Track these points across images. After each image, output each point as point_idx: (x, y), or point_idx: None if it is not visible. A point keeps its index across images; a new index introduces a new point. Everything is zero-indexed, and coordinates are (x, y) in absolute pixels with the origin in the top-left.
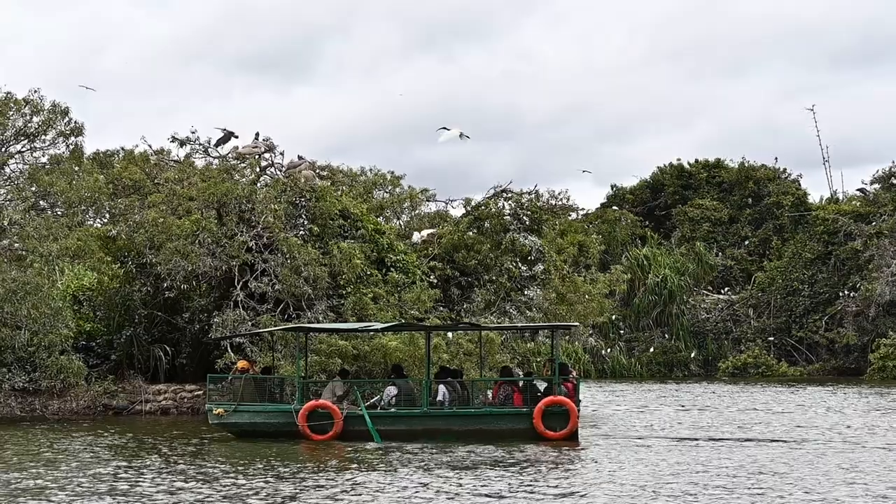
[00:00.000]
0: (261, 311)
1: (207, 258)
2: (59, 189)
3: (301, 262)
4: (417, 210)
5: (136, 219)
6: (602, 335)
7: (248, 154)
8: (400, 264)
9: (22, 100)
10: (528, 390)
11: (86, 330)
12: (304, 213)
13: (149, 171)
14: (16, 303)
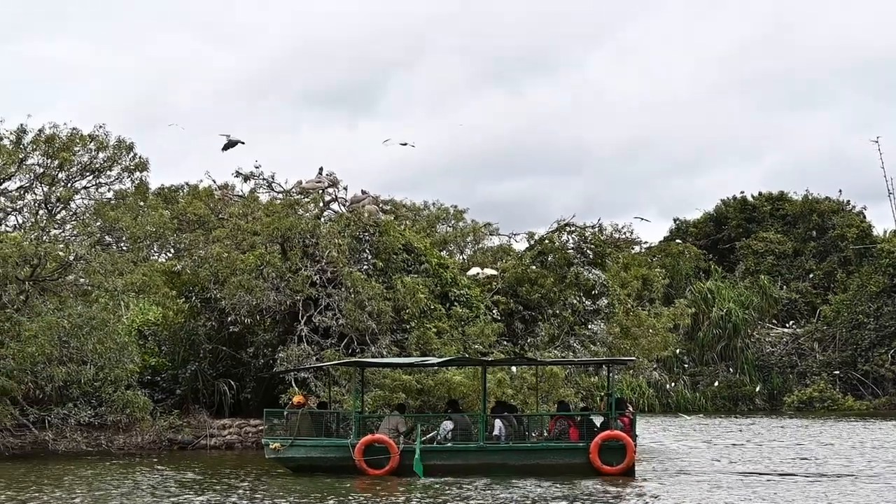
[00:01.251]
0: (325, 346)
1: (271, 293)
2: (124, 224)
3: (365, 296)
4: (480, 244)
5: (201, 254)
6: (666, 369)
7: (311, 189)
8: (463, 298)
9: (88, 136)
10: (584, 425)
11: (151, 364)
12: (368, 248)
13: (213, 206)
14: (82, 338)
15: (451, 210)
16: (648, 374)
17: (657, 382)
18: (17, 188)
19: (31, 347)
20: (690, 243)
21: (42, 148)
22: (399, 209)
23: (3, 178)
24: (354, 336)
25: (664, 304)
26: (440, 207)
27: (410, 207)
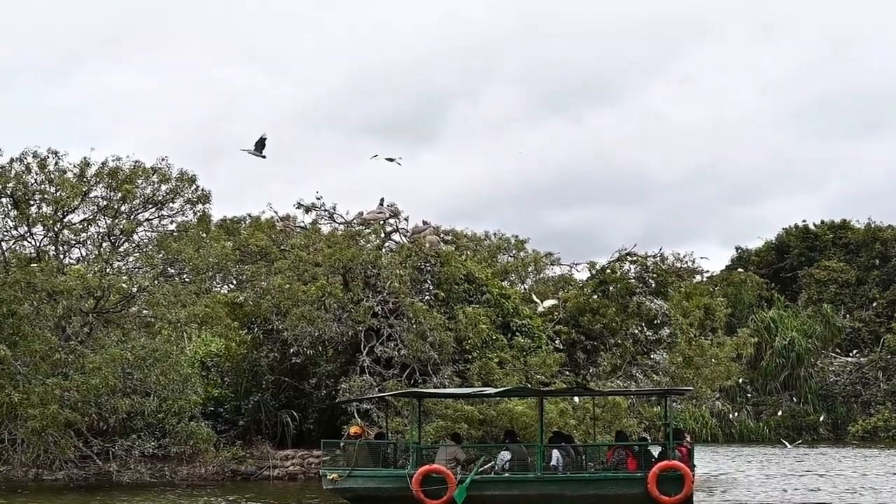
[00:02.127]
0: (387, 377)
1: (333, 324)
2: (186, 256)
3: (427, 327)
4: (542, 274)
5: (263, 285)
6: (729, 399)
7: (372, 220)
8: (525, 328)
9: (150, 168)
10: (642, 455)
11: (214, 396)
12: (430, 278)
13: (275, 238)
14: (145, 369)
15: (513, 240)
16: (711, 404)
17: (720, 412)
18: (81, 221)
19: (95, 379)
20: (752, 272)
21: (105, 181)
22: (460, 239)
23: (67, 211)
24: (416, 366)
25: (726, 333)
26: (501, 237)
27: (471, 237)
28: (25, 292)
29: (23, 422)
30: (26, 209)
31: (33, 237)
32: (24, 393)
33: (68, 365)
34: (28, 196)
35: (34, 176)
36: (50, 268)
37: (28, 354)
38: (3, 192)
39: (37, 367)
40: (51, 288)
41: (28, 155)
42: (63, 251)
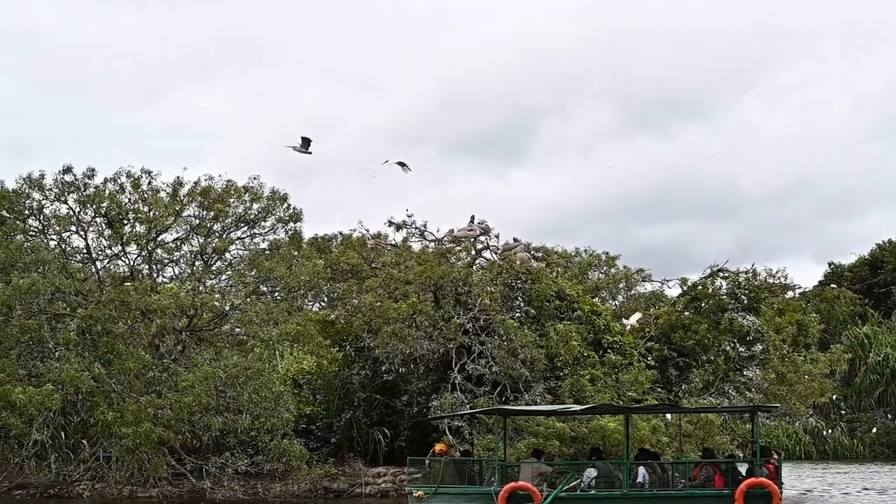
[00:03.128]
0: (478, 394)
1: (424, 341)
2: (278, 274)
3: (518, 344)
4: (633, 290)
5: (354, 303)
6: (823, 416)
7: (463, 237)
8: (617, 345)
9: (242, 187)
10: (729, 472)
11: (306, 413)
12: (520, 295)
13: (366, 256)
14: (238, 387)
15: (603, 256)
16: (805, 421)
17: (814, 429)
18: (174, 239)
19: (188, 397)
20: (845, 288)
21: (198, 200)
22: (551, 256)
23: (160, 230)
24: (508, 384)
25: (820, 349)
26: (592, 254)
27: (562, 254)
28: (120, 311)
29: (117, 440)
30: (120, 229)
31: (127, 256)
32: (119, 411)
33: (162, 383)
34: (122, 216)
35: (128, 196)
36: (144, 286)
37: (122, 373)
38: (98, 211)
39: (131, 386)
40: (144, 306)
41: (122, 175)
42: (156, 270)
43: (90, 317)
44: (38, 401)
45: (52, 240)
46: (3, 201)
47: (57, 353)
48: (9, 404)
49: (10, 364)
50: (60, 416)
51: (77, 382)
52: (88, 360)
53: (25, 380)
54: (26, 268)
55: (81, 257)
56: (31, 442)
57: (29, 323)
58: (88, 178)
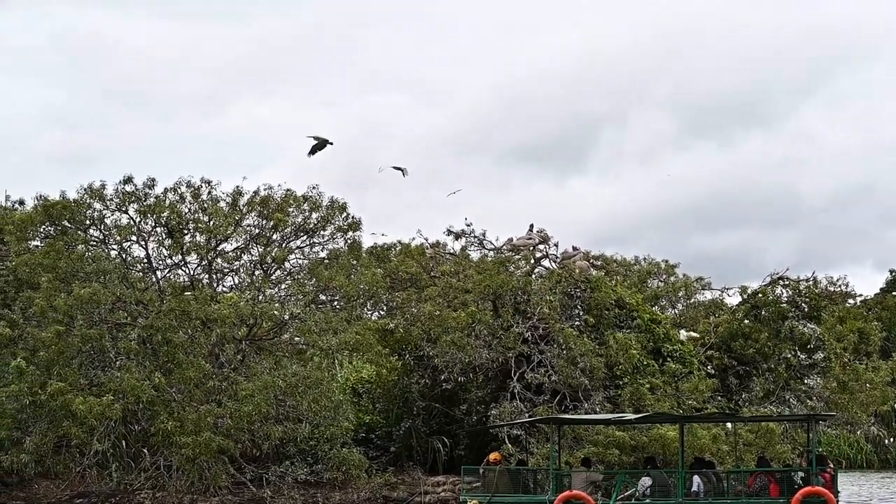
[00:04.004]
0: (538, 403)
1: (484, 350)
2: (337, 283)
3: (577, 352)
4: (692, 299)
5: (413, 312)
6: (885, 424)
7: (522, 246)
8: (676, 354)
9: (301, 197)
10: (784, 481)
11: (365, 422)
12: (580, 304)
13: (425, 265)
14: (297, 396)
15: (662, 264)
16: (866, 430)
17: (875, 438)
18: (234, 249)
19: (248, 406)
20: None
21: (257, 209)
22: (610, 264)
23: (220, 240)
24: (567, 392)
25: (881, 357)
26: (651, 262)
27: (621, 262)
28: (180, 320)
29: (177, 449)
30: (180, 238)
31: (187, 266)
32: (179, 420)
33: (222, 392)
34: (182, 225)
35: (188, 205)
36: (204, 296)
37: (182, 382)
38: (158, 221)
39: (191, 395)
40: (204, 316)
41: (182, 185)
42: (216, 279)
43: (151, 326)
44: (99, 410)
45: (113, 250)
46: (65, 212)
47: (118, 362)
48: (70, 414)
49: (72, 374)
50: (121, 426)
51: (138, 392)
52: (149, 370)
53: (87, 389)
54: (87, 278)
55: (142, 267)
56: (93, 451)
57: (90, 333)
58: (149, 188)
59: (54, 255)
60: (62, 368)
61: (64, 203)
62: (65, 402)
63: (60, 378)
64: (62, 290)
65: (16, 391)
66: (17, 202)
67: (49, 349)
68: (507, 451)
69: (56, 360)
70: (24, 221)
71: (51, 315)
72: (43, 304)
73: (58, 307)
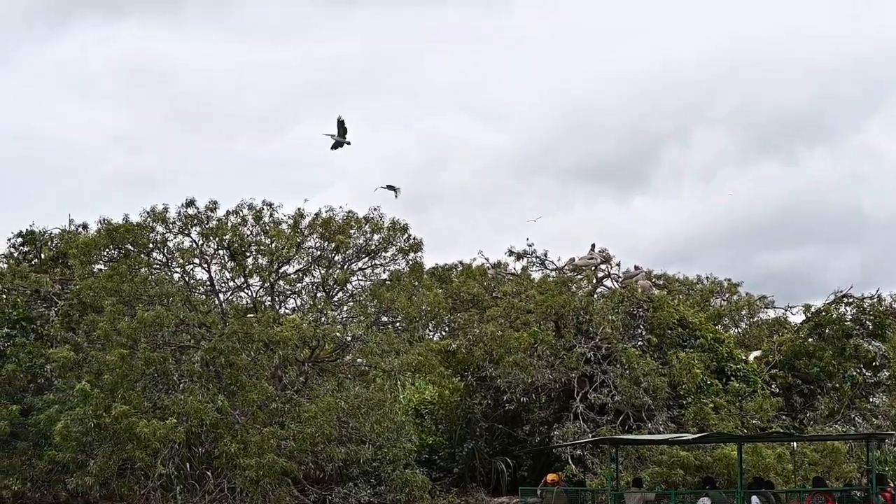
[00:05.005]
0: (601, 423)
1: (546, 370)
2: (399, 304)
3: (640, 372)
4: (755, 317)
5: (476, 332)
6: None
7: (584, 266)
8: (740, 373)
9: (363, 218)
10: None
11: (428, 443)
12: (642, 324)
13: (486, 285)
14: (360, 418)
15: (725, 283)
16: None
17: None
18: (296, 271)
19: (310, 428)
20: None
21: (319, 231)
22: (672, 283)
23: (282, 262)
24: (631, 412)
25: None
26: (713, 281)
27: (683, 281)
28: (243, 343)
29: (241, 471)
30: (243, 261)
31: (250, 288)
32: (242, 442)
33: (284, 414)
34: (244, 248)
35: (250, 228)
36: (266, 318)
37: (245, 404)
38: (221, 244)
39: (254, 417)
40: (267, 338)
41: (244, 207)
42: (278, 301)
43: (214, 349)
44: (163, 433)
45: (176, 273)
46: (128, 235)
47: (181, 385)
48: (135, 437)
49: (136, 396)
50: (185, 448)
51: (201, 414)
52: (212, 392)
53: (151, 412)
54: (151, 301)
55: (205, 289)
56: (157, 474)
57: (154, 356)
58: (211, 211)
59: (118, 279)
60: (126, 391)
61: (127, 226)
62: (129, 425)
63: (124, 401)
64: (126, 313)
65: (80, 414)
66: (80, 226)
67: (113, 372)
68: (570, 472)
69: (120, 383)
70: (88, 245)
71: (115, 338)
72: (107, 328)
73: (121, 330)
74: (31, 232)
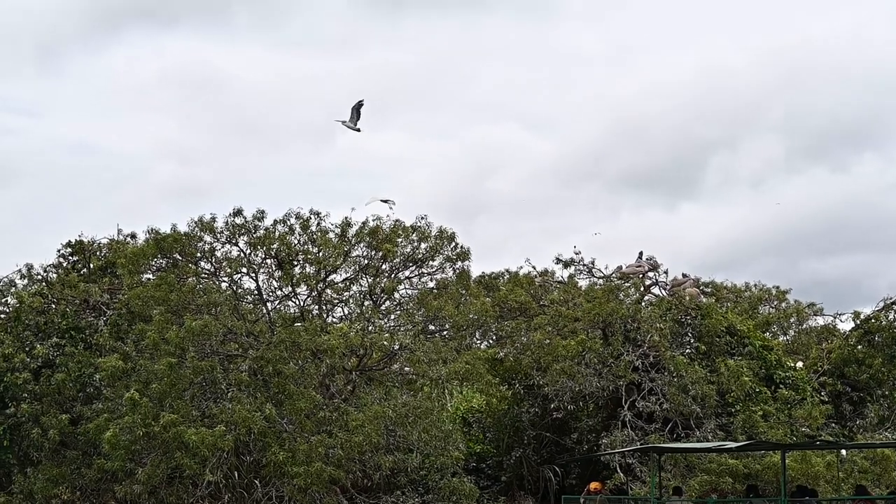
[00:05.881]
0: (649, 431)
1: (594, 378)
2: (447, 313)
3: (688, 380)
4: (804, 325)
5: (523, 340)
6: None
7: (632, 273)
8: (789, 381)
9: (410, 227)
10: None
11: (476, 451)
12: (690, 331)
13: (534, 293)
14: (408, 426)
15: (774, 290)
16: None
17: None
18: (343, 280)
19: (358, 437)
20: None
21: (366, 240)
22: (720, 291)
23: (329, 271)
24: (679, 420)
25: None
26: (762, 288)
27: (731, 289)
28: (290, 351)
29: (289, 479)
30: (290, 270)
31: (297, 297)
32: (290, 451)
33: (332, 423)
34: (292, 257)
35: (297, 237)
36: (314, 327)
37: (293, 413)
38: (268, 253)
39: (302, 425)
40: (315, 347)
41: (291, 216)
42: (326, 310)
43: (261, 358)
44: (212, 441)
45: (224, 282)
46: (176, 245)
47: (229, 393)
48: (183, 445)
49: (184, 405)
50: (233, 457)
51: (249, 423)
52: (260, 401)
53: (199, 420)
54: (199, 310)
55: (252, 299)
56: (205, 482)
57: (202, 364)
58: (258, 221)
59: (166, 288)
60: (174, 400)
61: (175, 236)
62: (177, 434)
63: (173, 409)
64: (174, 322)
65: (129, 423)
66: (128, 236)
67: (161, 381)
68: (619, 480)
69: (168, 392)
70: (136, 255)
71: (163, 347)
72: (155, 337)
73: (170, 339)
74: (80, 242)
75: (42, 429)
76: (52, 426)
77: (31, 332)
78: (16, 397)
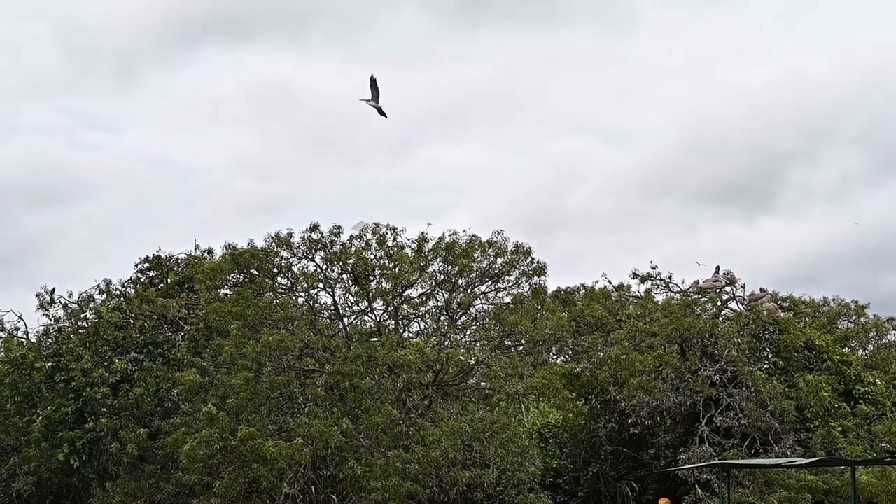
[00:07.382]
0: (727, 447)
1: (671, 394)
2: (523, 328)
3: (766, 395)
4: (884, 339)
5: (600, 355)
6: None
7: (708, 288)
8: (869, 396)
9: (486, 242)
10: None
11: (552, 467)
12: (768, 346)
13: (610, 308)
14: (484, 441)
15: (852, 305)
16: None
17: None
18: (420, 295)
19: (435, 452)
20: None
21: (442, 255)
22: (798, 305)
23: (405, 286)
24: (757, 436)
25: None
26: (840, 303)
27: (809, 303)
28: (367, 366)
29: (366, 494)
30: (367, 285)
31: (373, 312)
32: (367, 466)
33: (409, 437)
34: (368, 272)
35: (374, 252)
36: (390, 342)
37: (370, 427)
38: (345, 268)
39: (379, 440)
40: (391, 362)
41: (367, 231)
42: (402, 325)
43: (338, 372)
44: (288, 455)
45: (300, 297)
46: (253, 260)
47: (306, 408)
48: (260, 458)
49: (261, 420)
50: (310, 471)
51: (326, 437)
52: (337, 416)
53: (276, 435)
54: (275, 325)
55: (329, 314)
56: (283, 495)
57: (278, 379)
58: (335, 236)
59: (243, 304)
60: (251, 414)
61: (252, 251)
62: (255, 447)
63: (250, 424)
64: (251, 337)
65: (207, 437)
66: (206, 251)
67: (238, 396)
68: (696, 496)
69: (245, 407)
70: (214, 270)
71: (240, 362)
72: (232, 352)
73: (247, 354)
74: (158, 257)
75: (121, 443)
76: (130, 440)
77: (109, 347)
78: (95, 412)
